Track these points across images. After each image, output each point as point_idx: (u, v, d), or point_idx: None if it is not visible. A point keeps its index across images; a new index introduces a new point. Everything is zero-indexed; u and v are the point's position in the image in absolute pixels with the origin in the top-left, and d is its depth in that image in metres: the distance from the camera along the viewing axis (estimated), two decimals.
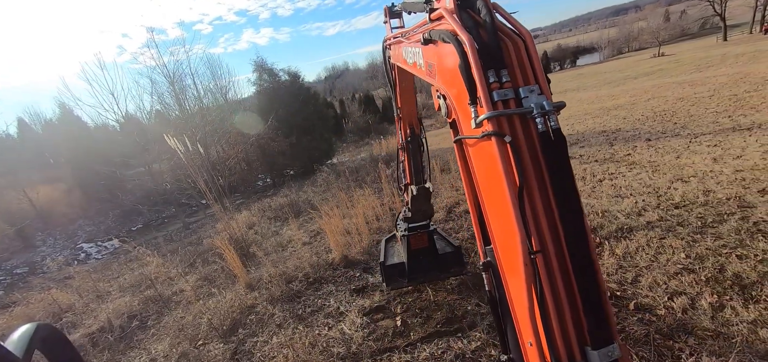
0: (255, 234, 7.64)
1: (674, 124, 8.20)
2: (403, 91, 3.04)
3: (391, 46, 2.52)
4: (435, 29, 1.34)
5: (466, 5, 1.20)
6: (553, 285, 1.02)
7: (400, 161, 3.71)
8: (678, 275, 3.13)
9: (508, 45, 1.10)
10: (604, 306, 1.02)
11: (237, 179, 16.12)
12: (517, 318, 1.15)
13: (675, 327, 2.63)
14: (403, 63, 2.09)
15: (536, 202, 1.05)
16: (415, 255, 3.67)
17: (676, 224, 3.95)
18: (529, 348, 1.08)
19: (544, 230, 1.04)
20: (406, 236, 3.66)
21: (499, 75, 1.06)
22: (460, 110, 1.24)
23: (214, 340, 3.86)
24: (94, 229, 18.06)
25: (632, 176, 5.62)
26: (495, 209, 1.17)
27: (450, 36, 1.16)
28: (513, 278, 1.14)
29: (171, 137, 6.38)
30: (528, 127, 1.07)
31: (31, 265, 13.61)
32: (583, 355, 1.01)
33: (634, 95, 14.51)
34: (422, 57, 1.59)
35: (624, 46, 70.96)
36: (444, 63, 1.31)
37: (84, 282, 7.19)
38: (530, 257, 1.00)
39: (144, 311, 5.15)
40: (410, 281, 3.65)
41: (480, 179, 1.23)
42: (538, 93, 1.06)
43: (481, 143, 1.13)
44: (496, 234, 1.20)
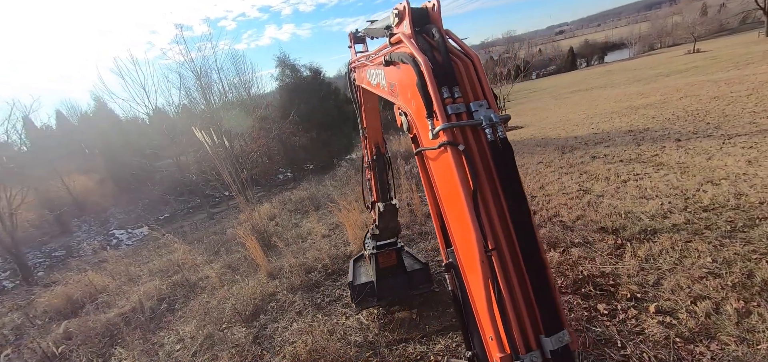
0: (276, 226, 7.87)
1: (707, 124, 7.84)
2: (368, 111, 3.16)
3: (356, 69, 2.64)
4: (395, 52, 1.46)
5: (422, 31, 1.34)
6: (507, 279, 1.12)
7: (367, 180, 3.76)
8: (703, 279, 3.05)
9: (459, 65, 1.23)
10: (554, 296, 1.12)
11: (259, 172, 16.54)
12: (478, 314, 1.23)
13: (697, 332, 2.58)
14: (368, 84, 2.22)
15: (489, 204, 1.15)
16: (383, 274, 3.68)
17: (703, 227, 3.83)
18: (490, 342, 1.16)
19: (498, 229, 1.14)
20: (374, 254, 3.66)
21: (452, 91, 1.19)
22: (419, 124, 1.36)
23: (238, 324, 4.05)
24: (125, 217, 18.99)
25: (659, 177, 5.45)
26: (453, 213, 1.26)
27: (408, 58, 1.29)
28: (472, 275, 1.22)
29: (198, 130, 6.65)
30: (479, 137, 1.18)
31: (68, 248, 14.49)
32: (537, 343, 1.10)
33: (665, 93, 13.93)
34: (385, 78, 1.72)
35: (656, 42, 67.76)
36: (404, 82, 1.43)
37: (117, 265, 7.63)
38: (486, 255, 1.10)
39: (172, 294, 5.43)
40: (379, 300, 3.64)
41: (439, 186, 1.34)
42: (487, 107, 1.19)
43: (439, 153, 1.24)
44: (455, 236, 1.29)
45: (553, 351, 1.07)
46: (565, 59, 63.31)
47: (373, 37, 2.23)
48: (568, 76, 46.17)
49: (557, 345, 1.07)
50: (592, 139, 8.81)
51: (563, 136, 10.13)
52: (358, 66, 2.54)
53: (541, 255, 1.13)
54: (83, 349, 4.41)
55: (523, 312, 1.10)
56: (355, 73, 2.69)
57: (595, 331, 2.80)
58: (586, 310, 3.05)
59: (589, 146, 8.23)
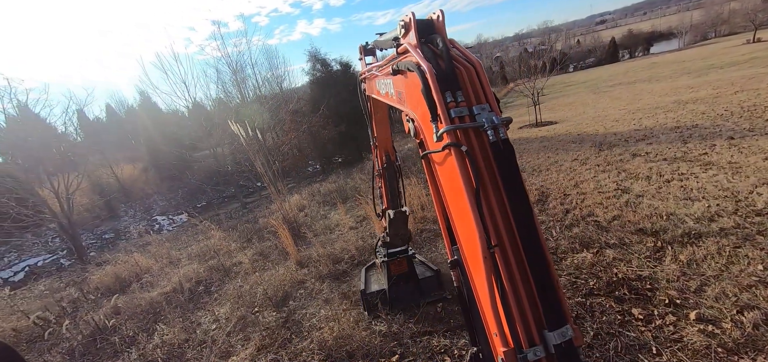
0: (305, 216, 8.10)
1: (766, 121, 7.20)
2: (379, 121, 3.24)
3: (366, 80, 2.74)
4: (402, 61, 1.54)
5: (427, 41, 1.42)
6: (510, 275, 1.16)
7: (377, 188, 3.79)
8: (752, 287, 2.84)
9: (462, 71, 1.29)
10: (557, 292, 1.15)
11: (289, 164, 17.02)
12: (483, 310, 1.27)
13: (743, 343, 2.42)
14: (377, 94, 2.31)
15: (492, 202, 1.20)
16: (395, 282, 3.71)
17: (755, 232, 3.55)
18: (494, 337, 1.19)
19: (500, 226, 1.18)
20: (386, 262, 3.70)
21: (455, 96, 1.26)
22: (424, 128, 1.43)
23: (268, 308, 4.24)
24: (166, 204, 20.19)
25: (707, 177, 5.09)
26: (458, 212, 1.32)
27: (414, 66, 1.36)
28: (476, 272, 1.26)
29: (234, 123, 6.94)
30: (481, 139, 1.24)
31: (116, 232, 15.65)
32: (541, 337, 1.12)
33: (718, 87, 12.88)
34: (393, 86, 1.82)
35: (710, 31, 62.56)
36: (410, 89, 1.52)
37: (159, 249, 8.16)
38: (489, 251, 1.14)
39: (209, 278, 5.76)
40: (392, 308, 3.64)
41: (444, 187, 1.40)
42: (489, 110, 1.25)
43: (444, 156, 1.30)
44: (460, 234, 1.35)
45: (556, 345, 1.10)
46: (606, 51, 59.83)
47: (382, 48, 2.33)
48: (608, 68, 43.67)
49: (560, 340, 1.10)
50: (634, 136, 8.33)
51: (601, 132, 9.64)
52: (368, 77, 2.65)
53: (544, 251, 1.16)
54: (130, 323, 4.79)
55: (526, 307, 1.13)
56: (366, 83, 2.80)
57: (629, 336, 2.69)
58: (619, 314, 2.93)
59: (630, 143, 7.80)
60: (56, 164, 11.20)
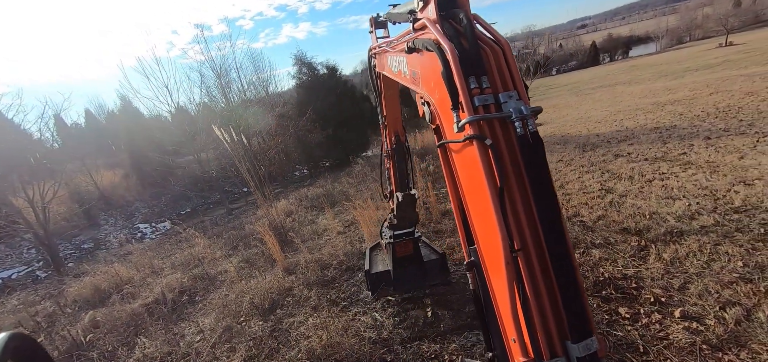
0: (292, 222, 7.98)
1: (740, 121, 7.47)
2: (388, 99, 3.10)
3: (377, 56, 2.57)
4: (419, 38, 1.39)
5: (448, 16, 1.25)
6: (534, 282, 1.07)
7: (386, 169, 3.72)
8: (733, 284, 2.91)
9: (487, 53, 1.15)
10: (582, 301, 1.06)
11: (276, 169, 16.79)
12: (501, 315, 1.19)
13: (726, 339, 2.47)
14: (389, 72, 2.15)
15: (516, 202, 1.09)
16: (400, 263, 3.63)
17: (734, 229, 3.65)
18: (512, 344, 1.11)
19: (525, 229, 1.09)
20: (391, 243, 3.61)
21: (480, 81, 1.12)
22: (443, 115, 1.30)
23: (255, 317, 4.13)
24: (149, 211, 19.64)
25: (687, 176, 5.23)
26: (477, 210, 1.21)
27: (433, 45, 1.22)
28: (496, 276, 1.18)
29: (218, 128, 6.80)
30: (507, 130, 1.12)
31: (96, 241, 15.12)
32: (563, 349, 1.05)
33: (694, 89, 13.33)
34: (407, 65, 1.65)
35: (685, 36, 64.82)
36: (427, 70, 1.36)
37: (141, 258, 7.91)
38: (512, 256, 1.05)
39: (193, 287, 5.59)
40: (395, 289, 3.61)
41: (463, 182, 1.28)
42: (517, 98, 1.11)
43: (464, 147, 1.18)
44: (479, 235, 1.24)
45: (579, 358, 1.02)
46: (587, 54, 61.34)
47: (396, 21, 2.16)
48: (590, 71, 44.79)
49: (584, 353, 1.02)
50: (615, 137, 8.53)
51: (584, 133, 9.84)
52: (378, 52, 2.48)
53: (571, 258, 1.07)
54: (110, 337, 4.60)
55: (548, 315, 1.05)
56: (376, 59, 2.63)
57: (616, 335, 2.72)
58: (606, 313, 2.96)
59: (612, 143, 7.97)
60: (31, 171, 10.76)
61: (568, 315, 1.05)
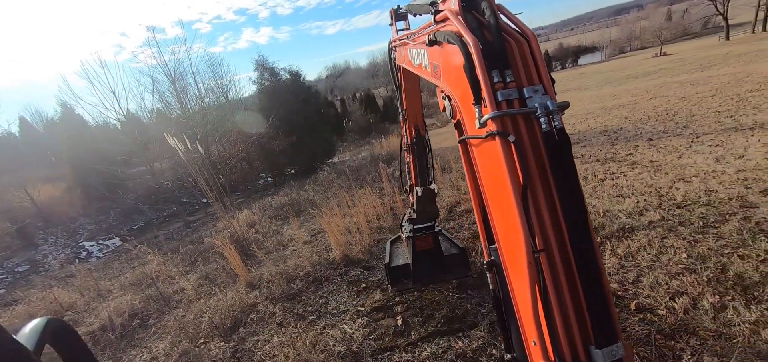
0: (256, 233, 7.64)
1: (676, 123, 8.17)
2: (409, 92, 3.05)
3: (397, 48, 2.53)
4: (440, 31, 1.34)
5: (471, 7, 1.21)
6: (556, 284, 1.03)
7: (405, 163, 3.69)
8: (679, 275, 3.12)
9: (512, 45, 1.11)
10: (608, 305, 1.02)
11: (238, 178, 16.14)
12: (521, 317, 1.16)
13: (676, 328, 2.62)
14: (409, 65, 2.10)
15: (540, 201, 1.05)
16: (420, 257, 3.66)
17: (677, 224, 3.94)
18: (532, 347, 1.08)
19: (548, 229, 1.05)
20: (411, 237, 3.63)
21: (503, 75, 1.07)
22: (464, 110, 1.25)
23: (215, 338, 3.87)
24: (96, 227, 18.08)
25: (634, 175, 5.61)
26: (499, 209, 1.17)
27: (455, 37, 1.17)
28: (517, 277, 1.14)
29: (171, 136, 6.38)
30: (532, 127, 1.07)
31: (33, 263, 13.64)
32: (586, 354, 1.01)
33: (635, 94, 14.47)
34: (427, 58, 1.60)
35: (626, 46, 70.66)
36: (449, 64, 1.32)
37: (85, 280, 7.20)
38: (534, 257, 1.01)
39: (145, 309, 5.16)
40: (415, 282, 3.64)
41: (484, 179, 1.24)
42: (542, 93, 1.07)
43: (486, 143, 1.13)
44: (500, 234, 1.21)
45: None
46: None
47: (416, 13, 2.10)
48: None
49: (609, 359, 0.98)
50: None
51: None
52: (399, 45, 2.43)
53: (597, 260, 1.03)
54: None
55: (571, 319, 1.01)
56: (396, 52, 2.58)
57: None
58: None
59: None
60: None
61: (593, 319, 1.01)
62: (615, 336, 1.01)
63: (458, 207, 5.97)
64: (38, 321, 0.74)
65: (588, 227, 1.03)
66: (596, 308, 1.01)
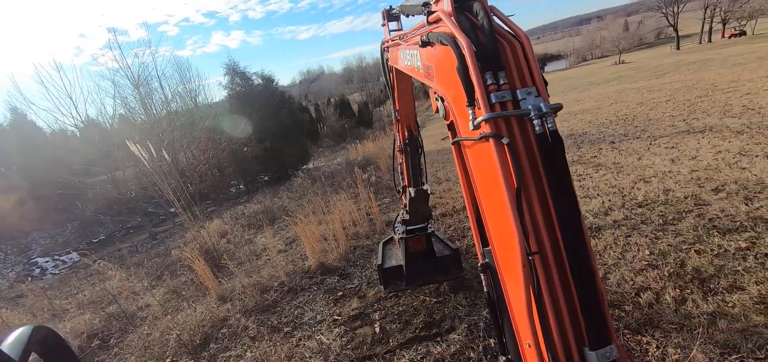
0: (227, 243, 7.37)
1: (635, 127, 8.65)
2: (401, 93, 3.05)
3: (389, 49, 2.53)
4: (433, 32, 1.34)
5: (464, 8, 1.21)
6: (550, 286, 1.03)
7: (398, 164, 3.68)
8: (643, 271, 3.28)
9: (505, 47, 1.12)
10: (602, 307, 1.03)
11: (208, 186, 15.57)
12: (515, 319, 1.16)
13: (642, 322, 2.74)
14: (402, 66, 2.09)
15: (534, 203, 1.06)
16: (413, 258, 3.62)
17: (640, 222, 4.14)
18: (527, 349, 1.08)
19: (542, 231, 1.05)
20: (404, 239, 3.59)
21: (497, 77, 1.07)
22: (458, 112, 1.25)
23: (184, 357, 3.66)
24: (51, 242, 16.87)
25: (599, 177, 5.87)
26: (493, 211, 1.17)
27: (448, 38, 1.17)
28: (511, 279, 1.15)
29: (134, 144, 6.06)
30: (525, 128, 1.08)
31: None
32: (581, 356, 1.02)
33: (598, 99, 15.24)
34: (420, 59, 1.60)
35: (588, 54, 74.69)
36: (442, 65, 1.32)
37: (38, 299, 6.67)
38: (528, 259, 1.01)
39: (106, 329, 4.83)
40: (408, 284, 3.59)
41: (478, 181, 1.24)
42: (536, 95, 1.08)
43: (479, 145, 1.13)
44: (494, 236, 1.21)
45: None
46: None
47: (409, 14, 2.08)
48: None
49: (604, 361, 0.99)
50: None
51: None
52: (391, 45, 2.41)
53: (591, 261, 1.04)
54: None
55: (566, 321, 1.02)
56: (389, 53, 2.55)
57: None
58: None
59: None
60: None
61: (587, 321, 1.02)
62: (608, 337, 1.02)
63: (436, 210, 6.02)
64: (24, 329, 0.73)
65: (581, 228, 1.04)
66: (590, 309, 1.02)
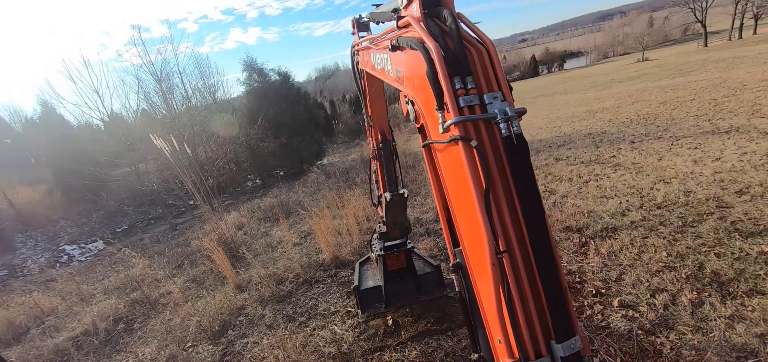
0: (244, 235, 7.57)
1: (657, 127, 8.42)
2: (373, 96, 3.00)
3: (360, 52, 2.52)
4: (403, 36, 1.37)
5: (433, 14, 1.24)
6: (519, 283, 1.08)
7: (373, 172, 3.49)
8: (660, 273, 3.23)
9: (472, 53, 1.15)
10: (566, 301, 1.08)
11: (226, 180, 15.93)
12: (486, 317, 1.20)
13: (657, 323, 2.71)
14: (372, 69, 2.11)
15: (501, 204, 1.10)
16: (392, 277, 3.41)
17: (658, 223, 4.07)
18: (497, 345, 1.12)
19: (510, 230, 1.09)
20: (382, 256, 3.37)
21: (465, 82, 1.11)
22: (427, 115, 1.28)
23: (203, 342, 3.82)
24: (77, 230, 17.60)
25: (617, 177, 5.76)
26: (463, 212, 1.21)
27: (417, 43, 1.21)
28: (481, 278, 1.18)
29: (157, 137, 6.28)
30: (492, 132, 1.12)
31: (11, 268, 13.19)
32: (548, 348, 1.06)
33: (619, 98, 14.85)
34: (390, 63, 1.63)
35: (610, 51, 72.48)
36: (412, 69, 1.35)
37: (67, 284, 7.02)
38: (497, 257, 1.05)
39: (130, 313, 5.06)
40: (387, 306, 3.39)
41: (448, 183, 1.28)
42: (502, 99, 1.12)
43: (449, 148, 1.17)
44: (464, 236, 1.24)
45: (563, 357, 1.04)
46: (528, 66, 66.09)
47: (379, 21, 2.12)
48: (530, 82, 48.24)
49: (568, 352, 1.04)
50: (555, 142, 9.20)
51: (528, 139, 10.46)
52: (361, 49, 2.42)
53: (555, 258, 1.09)
54: None
55: (533, 316, 1.07)
56: (359, 56, 2.57)
57: None
58: None
59: (553, 148, 8.59)
60: None
61: (553, 315, 1.06)
62: (572, 329, 1.07)
63: None
64: None
65: (546, 226, 1.09)
66: (555, 304, 1.07)
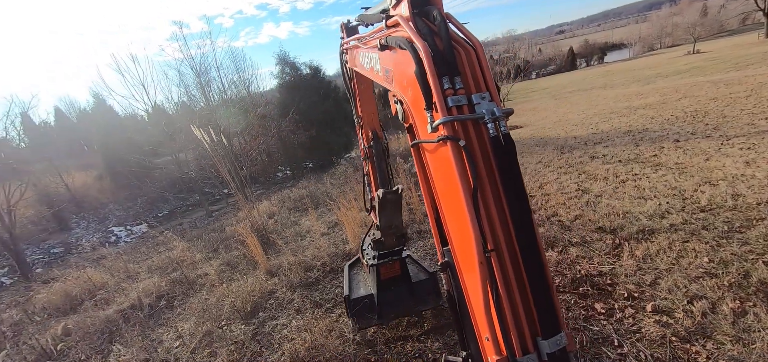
0: (275, 224, 7.87)
1: (706, 125, 7.86)
2: (363, 95, 2.97)
3: (349, 52, 2.51)
4: (392, 35, 1.37)
5: (422, 13, 1.25)
6: (506, 281, 1.10)
7: (365, 174, 3.33)
8: (699, 279, 3.07)
9: (461, 53, 1.16)
10: (552, 299, 1.09)
11: (258, 170, 16.54)
12: (475, 315, 1.21)
13: (693, 331, 2.59)
14: (360, 68, 2.12)
15: (489, 203, 1.11)
16: (385, 286, 3.20)
17: (701, 227, 3.85)
18: (486, 342, 1.14)
19: (498, 229, 1.11)
20: (375, 265, 3.16)
21: (453, 82, 1.12)
22: (416, 114, 1.29)
23: (237, 321, 4.06)
24: (124, 214, 18.96)
25: (657, 177, 5.47)
26: (451, 211, 1.22)
27: (406, 43, 1.22)
28: (469, 276, 1.19)
29: (197, 128, 6.65)
30: (480, 132, 1.13)
31: (67, 245, 14.47)
32: (534, 345, 1.08)
33: (664, 93, 13.94)
34: (379, 62, 1.63)
35: (656, 43, 67.81)
36: (400, 69, 1.36)
37: (115, 262, 7.62)
38: (485, 256, 1.07)
39: (171, 292, 5.44)
40: (380, 318, 3.15)
41: (437, 182, 1.29)
42: (489, 100, 1.13)
43: (437, 147, 1.18)
44: (453, 235, 1.25)
45: (549, 354, 1.06)
46: (565, 59, 63.27)
47: (368, 24, 2.13)
48: (567, 76, 46.20)
49: (554, 348, 1.06)
50: (591, 139, 8.82)
51: (562, 136, 10.13)
52: (350, 48, 2.41)
53: (541, 257, 1.11)
54: (82, 346, 4.42)
55: (520, 314, 1.09)
56: (348, 55, 2.56)
57: (592, 330, 2.81)
58: (583, 309, 3.06)
59: (588, 146, 8.24)
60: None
61: (539, 313, 1.08)
62: (558, 326, 1.08)
63: None
64: None
65: (533, 226, 1.10)
66: (542, 302, 1.08)
